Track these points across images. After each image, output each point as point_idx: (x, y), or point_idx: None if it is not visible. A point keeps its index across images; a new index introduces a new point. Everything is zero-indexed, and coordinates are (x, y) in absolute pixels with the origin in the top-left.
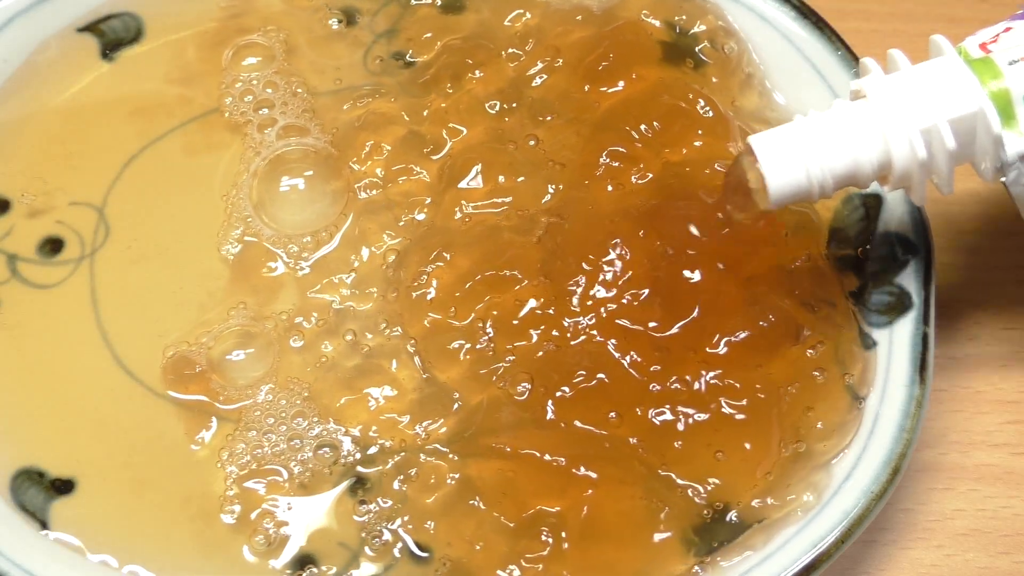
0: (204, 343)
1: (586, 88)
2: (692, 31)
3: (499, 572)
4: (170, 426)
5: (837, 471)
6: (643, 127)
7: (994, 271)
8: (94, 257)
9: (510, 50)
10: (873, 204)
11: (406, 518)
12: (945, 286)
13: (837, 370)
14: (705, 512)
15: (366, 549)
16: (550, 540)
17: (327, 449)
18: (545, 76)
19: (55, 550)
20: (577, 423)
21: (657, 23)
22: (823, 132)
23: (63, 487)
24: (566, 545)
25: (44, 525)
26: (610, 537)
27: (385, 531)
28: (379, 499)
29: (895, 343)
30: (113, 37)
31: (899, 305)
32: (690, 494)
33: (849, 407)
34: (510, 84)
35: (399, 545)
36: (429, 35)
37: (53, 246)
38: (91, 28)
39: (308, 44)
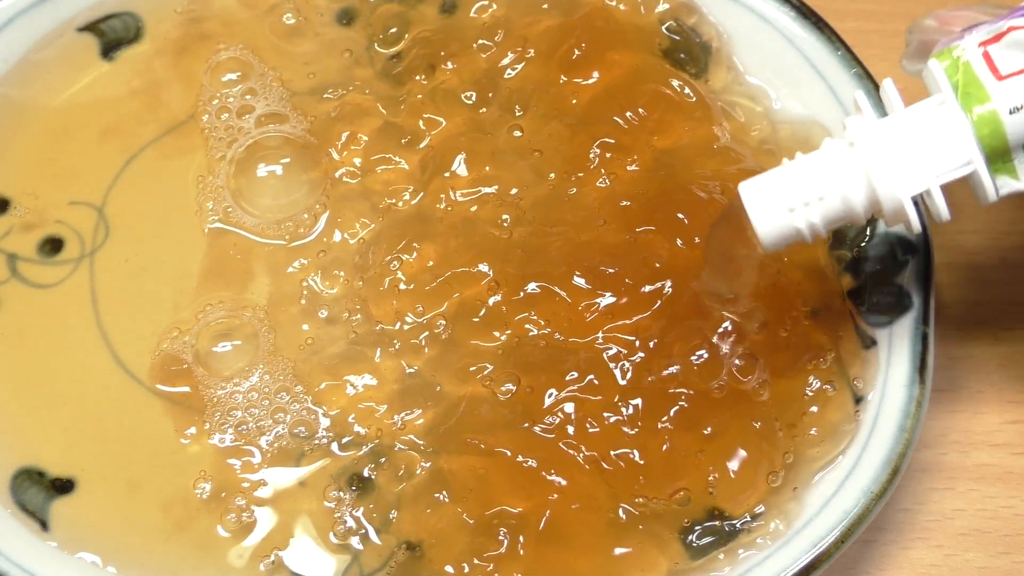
0: (187, 341)
1: (562, 79)
2: (657, 9)
3: (448, 568)
4: (169, 425)
5: (837, 470)
6: (629, 115)
7: (994, 271)
8: (94, 257)
9: (480, 41)
10: None
11: (371, 506)
12: (945, 286)
13: (843, 382)
14: (674, 533)
15: (331, 535)
16: (506, 541)
17: (302, 428)
18: (518, 67)
19: (55, 550)
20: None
21: (622, 7)
22: (810, 178)
23: (63, 487)
24: (522, 548)
25: (44, 525)
26: (569, 544)
27: (348, 517)
28: (348, 485)
29: (895, 343)
30: (113, 37)
31: (899, 305)
32: (660, 511)
33: (848, 417)
34: (484, 75)
35: (361, 532)
36: (395, 30)
37: (53, 246)
38: (91, 27)
39: (276, 41)
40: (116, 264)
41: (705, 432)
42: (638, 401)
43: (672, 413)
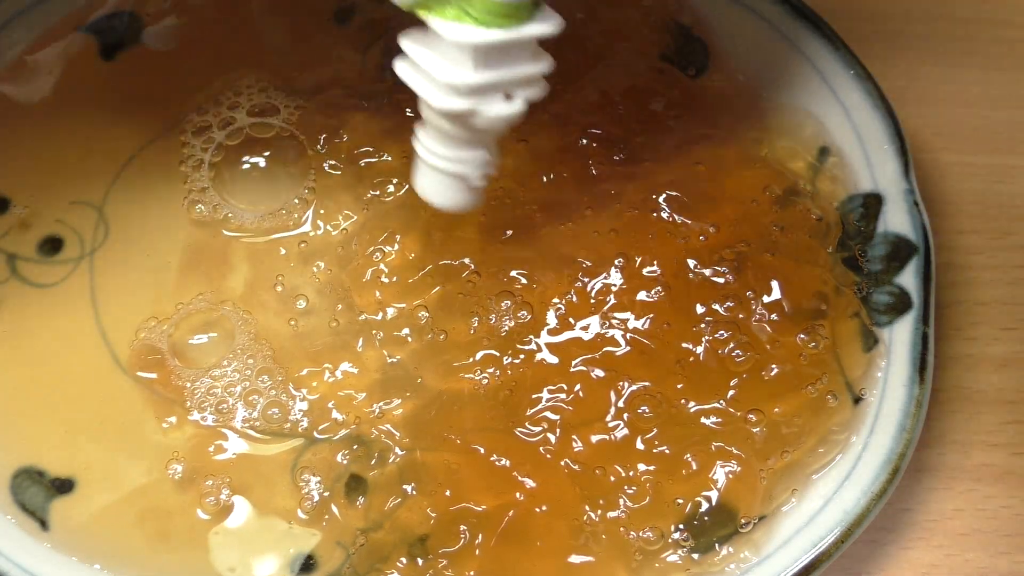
0: (165, 330)
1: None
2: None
3: (401, 560)
4: (168, 423)
5: (837, 470)
6: (617, 106)
7: (993, 271)
8: (94, 256)
9: None
10: (873, 204)
11: (340, 491)
12: (945, 286)
13: (842, 385)
14: (637, 554)
15: (299, 512)
16: (465, 538)
17: (277, 410)
18: None
19: (55, 549)
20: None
21: None
22: None
23: (63, 486)
24: (479, 548)
25: (44, 524)
26: (530, 547)
27: (318, 498)
28: (320, 470)
29: (895, 343)
30: (113, 37)
31: (899, 305)
32: (622, 530)
33: (846, 424)
34: None
35: (327, 517)
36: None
37: (53, 245)
38: (91, 27)
39: (258, 40)
40: (116, 263)
41: (684, 473)
42: (626, 430)
43: (654, 452)
